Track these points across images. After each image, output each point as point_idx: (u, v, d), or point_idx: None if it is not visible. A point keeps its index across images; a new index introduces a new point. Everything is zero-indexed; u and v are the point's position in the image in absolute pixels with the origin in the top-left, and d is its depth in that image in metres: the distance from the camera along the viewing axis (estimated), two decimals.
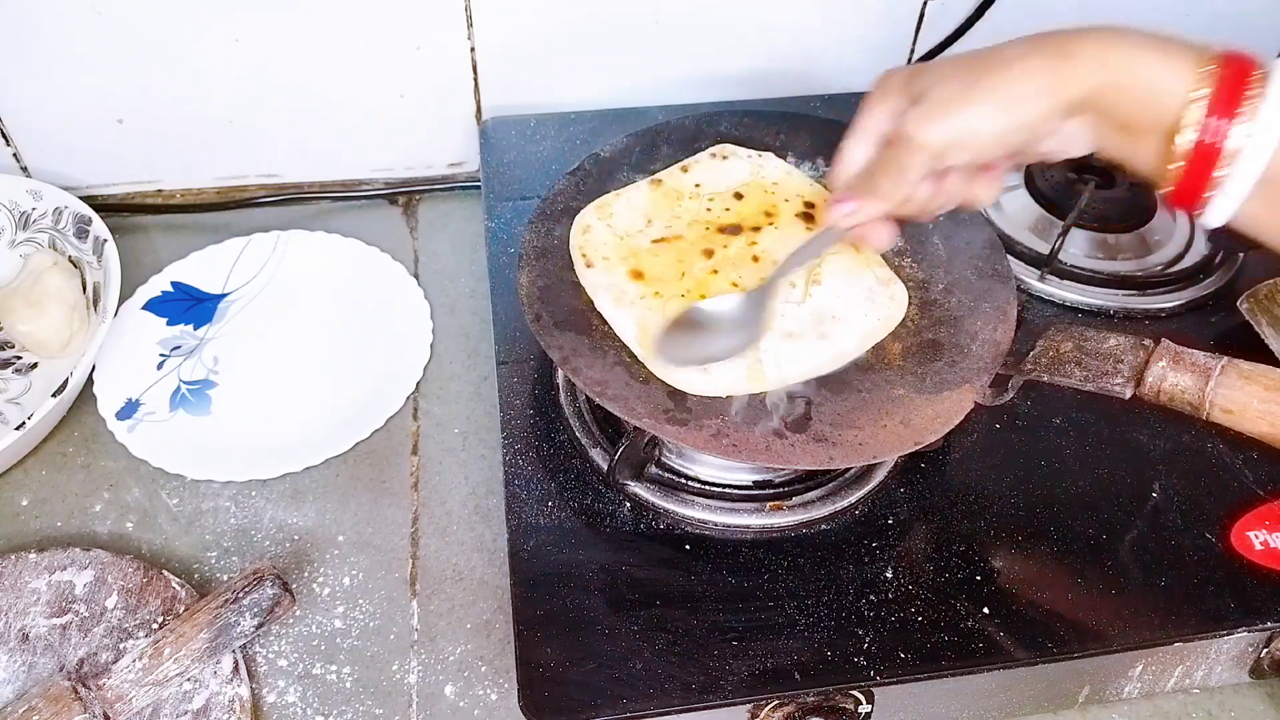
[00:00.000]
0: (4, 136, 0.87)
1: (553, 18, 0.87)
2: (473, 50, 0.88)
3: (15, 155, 0.88)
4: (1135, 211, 0.82)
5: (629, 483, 0.65)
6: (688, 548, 0.63)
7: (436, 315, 0.83)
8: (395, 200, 0.95)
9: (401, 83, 0.89)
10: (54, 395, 0.70)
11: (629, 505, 0.65)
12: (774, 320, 0.61)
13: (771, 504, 0.65)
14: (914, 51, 0.96)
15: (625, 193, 0.70)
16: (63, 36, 0.81)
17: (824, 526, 0.64)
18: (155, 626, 0.63)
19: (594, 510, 0.65)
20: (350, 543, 0.70)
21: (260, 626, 0.62)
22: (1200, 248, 0.82)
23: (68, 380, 0.70)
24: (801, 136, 0.76)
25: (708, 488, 0.66)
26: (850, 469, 0.66)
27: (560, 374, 0.71)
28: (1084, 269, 0.79)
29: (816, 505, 0.65)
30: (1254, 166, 0.48)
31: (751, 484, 0.66)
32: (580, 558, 0.62)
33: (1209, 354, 0.56)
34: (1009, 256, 0.70)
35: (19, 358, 0.80)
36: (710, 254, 0.66)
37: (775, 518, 0.64)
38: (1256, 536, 0.63)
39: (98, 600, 0.65)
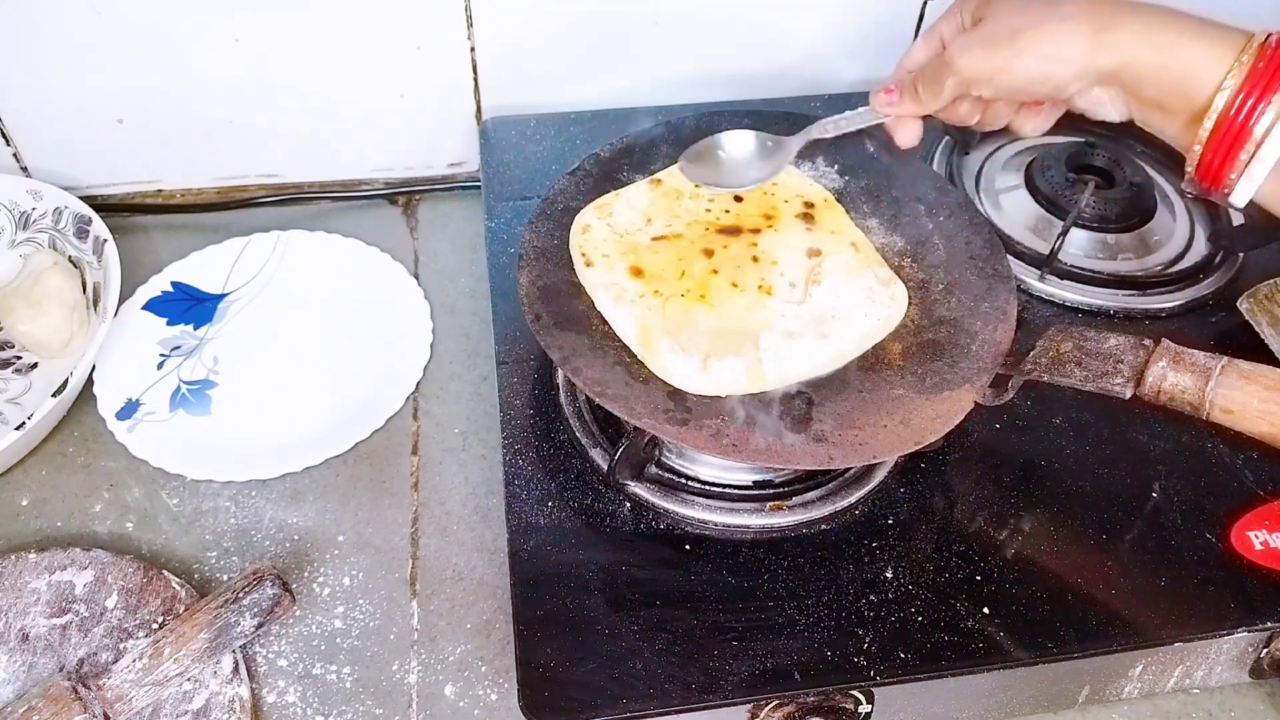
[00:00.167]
0: (4, 136, 0.87)
1: (553, 18, 0.87)
2: (473, 50, 0.88)
3: (15, 155, 0.88)
4: (1135, 211, 0.82)
5: (629, 483, 0.65)
6: (688, 548, 0.63)
7: (436, 315, 0.83)
8: (395, 200, 0.95)
9: (401, 83, 0.89)
10: (54, 395, 0.70)
11: (629, 505, 0.65)
12: (793, 153, 0.63)
13: (771, 504, 0.65)
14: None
15: (625, 192, 0.70)
16: (63, 36, 0.81)
17: (824, 526, 0.64)
18: (155, 626, 0.63)
19: (594, 510, 0.65)
20: (350, 543, 0.70)
21: (260, 626, 0.62)
22: (1200, 248, 0.82)
23: (68, 380, 0.70)
24: None
25: (708, 488, 0.66)
26: (850, 469, 0.66)
27: (560, 374, 0.71)
28: (1084, 269, 0.79)
29: (816, 505, 0.65)
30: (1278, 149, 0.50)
31: (751, 484, 0.66)
32: (580, 558, 0.62)
33: (1209, 354, 0.56)
34: (1009, 256, 0.70)
35: (19, 358, 0.80)
36: (710, 254, 0.66)
37: (775, 518, 0.64)
38: (1256, 536, 0.63)
39: (98, 600, 0.65)
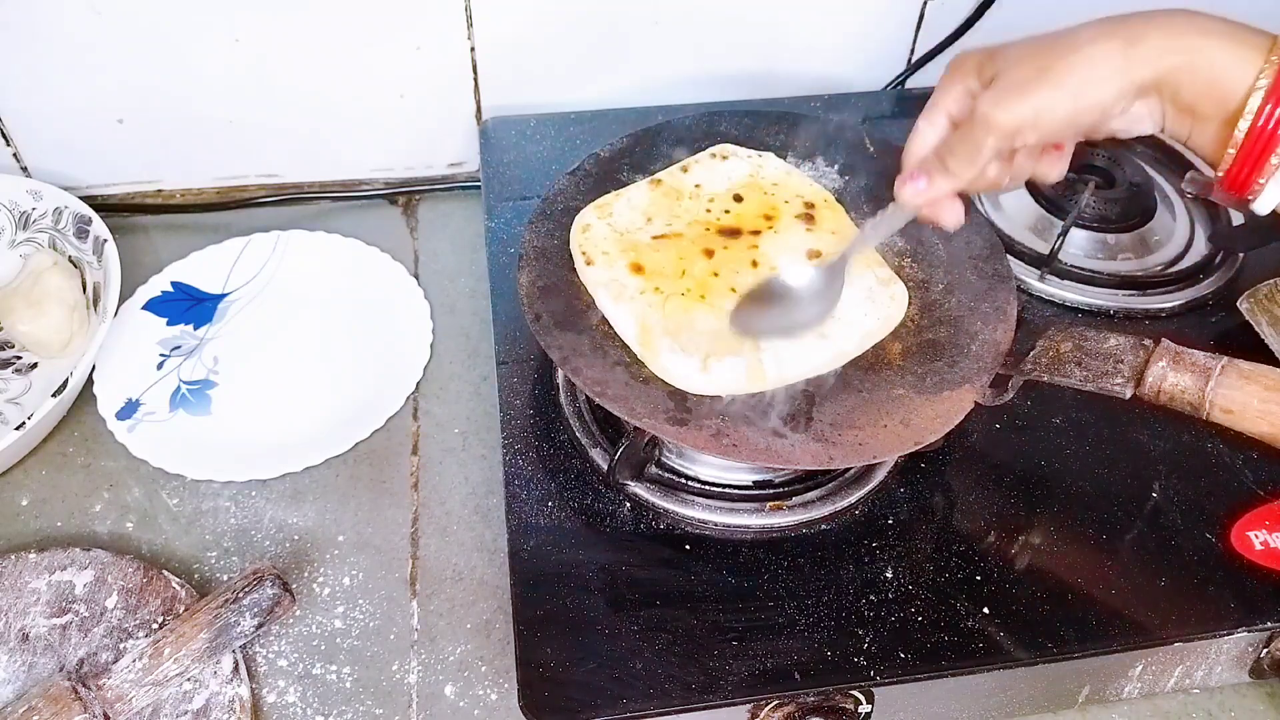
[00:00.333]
0: (4, 136, 0.87)
1: (553, 18, 0.87)
2: (473, 50, 0.88)
3: (15, 155, 0.88)
4: (1135, 211, 0.82)
5: (629, 483, 0.65)
6: (688, 548, 0.63)
7: (436, 315, 0.83)
8: (395, 200, 0.95)
9: (401, 83, 0.89)
10: (54, 395, 0.70)
11: (629, 505, 0.65)
12: (843, 290, 0.61)
13: (771, 504, 0.65)
14: (914, 51, 0.96)
15: (625, 192, 0.70)
16: (63, 36, 0.81)
17: (824, 526, 0.64)
18: (155, 626, 0.63)
19: (594, 510, 0.65)
20: (350, 543, 0.70)
21: (260, 626, 0.62)
22: (1200, 248, 0.82)
23: (68, 380, 0.70)
24: (801, 136, 0.76)
25: (708, 488, 0.66)
26: (850, 469, 0.66)
27: (560, 374, 0.71)
28: (1084, 269, 0.79)
29: (816, 505, 0.65)
30: None
31: (751, 484, 0.66)
32: (580, 558, 0.62)
33: (1209, 354, 0.56)
34: (1009, 256, 0.70)
35: (19, 358, 0.80)
36: (710, 254, 0.66)
37: (775, 518, 0.64)
38: (1256, 536, 0.63)
39: (98, 600, 0.65)
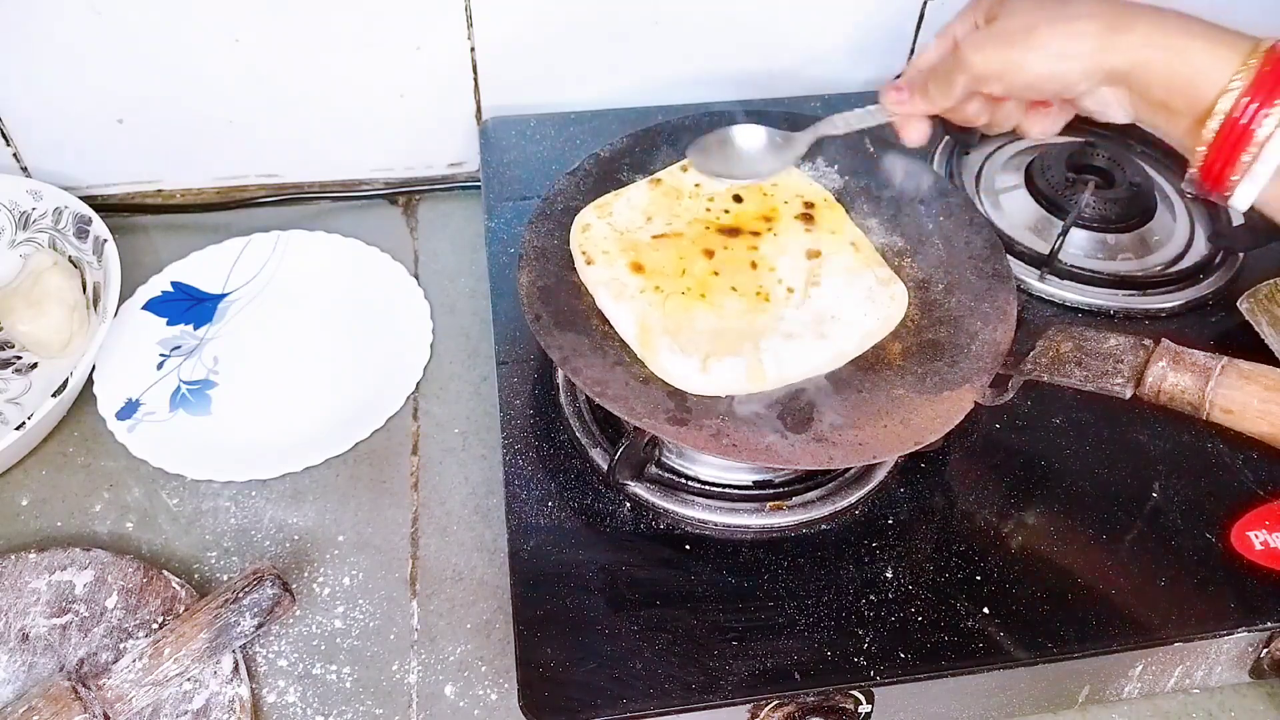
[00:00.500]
0: (4, 136, 0.87)
1: (553, 18, 0.87)
2: (473, 50, 0.88)
3: (15, 155, 0.88)
4: (1135, 211, 0.82)
5: (629, 483, 0.65)
6: (688, 548, 0.63)
7: (436, 315, 0.83)
8: (395, 200, 0.95)
9: (401, 83, 0.89)
10: (54, 395, 0.70)
11: (629, 505, 0.65)
12: (803, 149, 0.64)
13: (771, 504, 0.65)
14: (914, 52, 0.96)
15: (625, 192, 0.70)
16: (63, 36, 0.81)
17: (824, 526, 0.64)
18: (155, 626, 0.63)
19: (594, 510, 0.65)
20: (350, 543, 0.70)
21: (260, 626, 0.62)
22: (1200, 248, 0.82)
23: (68, 380, 0.70)
24: None
25: (708, 488, 0.66)
26: (850, 469, 0.66)
27: (560, 374, 0.71)
28: (1084, 269, 0.79)
29: (816, 505, 0.65)
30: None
31: (751, 484, 0.66)
32: (580, 558, 0.62)
33: (1209, 354, 0.56)
34: (1009, 256, 0.70)
35: (19, 358, 0.79)
36: (710, 254, 0.66)
37: (775, 518, 0.64)
38: (1256, 536, 0.63)
39: (98, 600, 0.65)
